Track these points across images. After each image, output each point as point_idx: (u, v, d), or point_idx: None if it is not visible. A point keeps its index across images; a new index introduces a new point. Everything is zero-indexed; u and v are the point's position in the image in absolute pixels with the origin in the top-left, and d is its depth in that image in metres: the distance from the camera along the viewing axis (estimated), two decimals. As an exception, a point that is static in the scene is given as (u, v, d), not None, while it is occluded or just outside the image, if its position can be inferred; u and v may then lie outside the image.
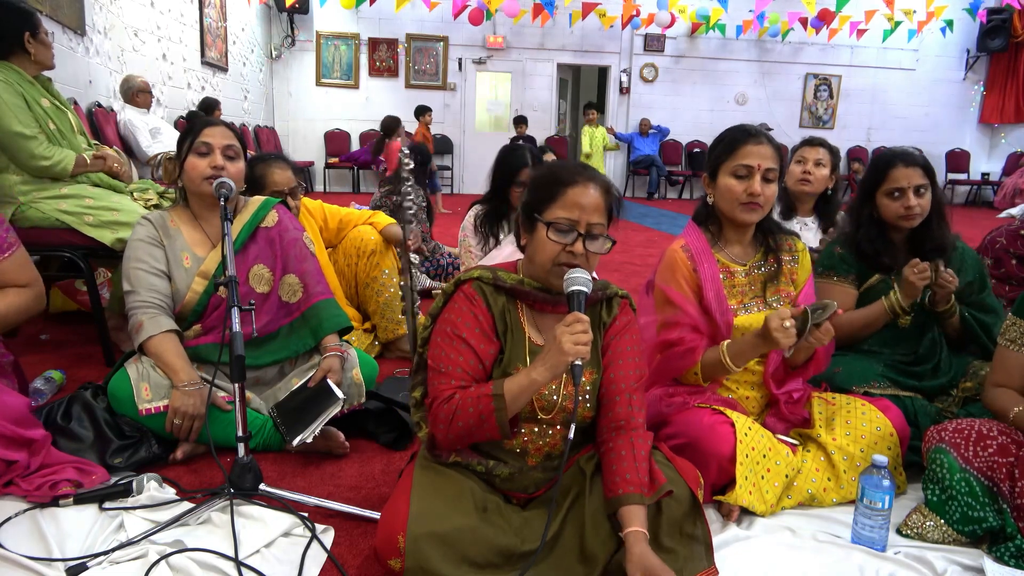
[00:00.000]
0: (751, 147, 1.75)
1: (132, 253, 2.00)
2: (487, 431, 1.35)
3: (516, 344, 1.45)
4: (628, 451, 1.40)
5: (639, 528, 1.31)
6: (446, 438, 1.40)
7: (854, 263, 2.16)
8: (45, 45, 2.64)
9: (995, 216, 8.91)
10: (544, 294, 1.45)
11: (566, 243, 1.37)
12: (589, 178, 1.41)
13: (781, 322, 1.61)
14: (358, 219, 3.03)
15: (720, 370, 1.77)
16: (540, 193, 1.42)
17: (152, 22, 6.25)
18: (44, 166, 2.55)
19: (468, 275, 1.47)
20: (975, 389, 2.02)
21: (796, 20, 10.65)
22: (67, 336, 3.05)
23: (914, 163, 2.08)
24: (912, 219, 2.07)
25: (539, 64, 11.43)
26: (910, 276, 1.97)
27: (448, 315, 1.44)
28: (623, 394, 1.46)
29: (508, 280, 1.45)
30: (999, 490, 1.57)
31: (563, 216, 1.38)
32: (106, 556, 1.44)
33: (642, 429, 1.46)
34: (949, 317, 2.10)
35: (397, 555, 1.28)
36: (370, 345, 2.91)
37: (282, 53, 10.73)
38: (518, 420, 1.44)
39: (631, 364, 1.48)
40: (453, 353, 1.40)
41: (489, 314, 1.44)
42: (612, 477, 1.39)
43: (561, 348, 1.27)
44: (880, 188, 2.10)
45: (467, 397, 1.35)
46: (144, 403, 1.86)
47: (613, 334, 1.50)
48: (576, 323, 1.28)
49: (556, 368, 1.30)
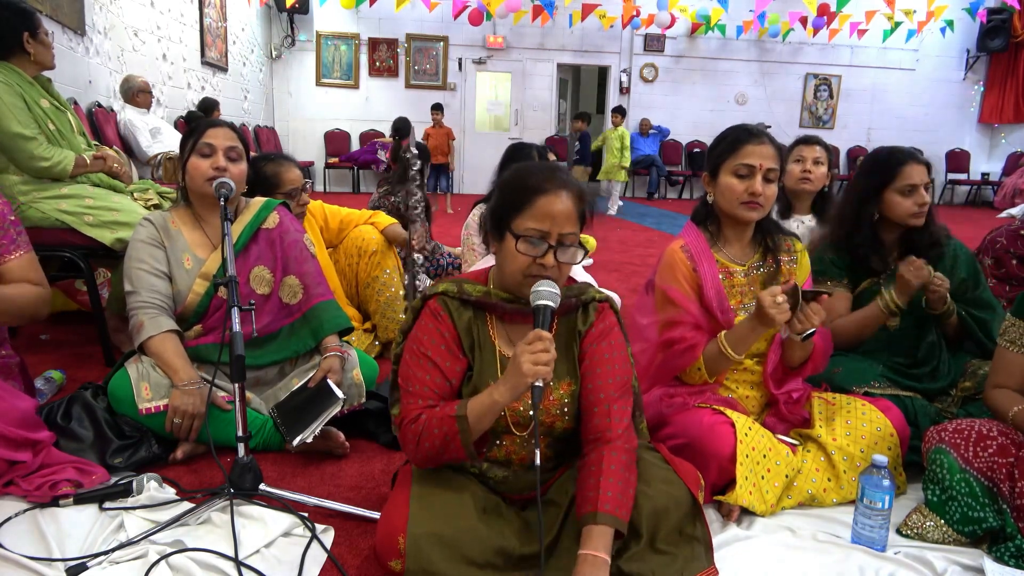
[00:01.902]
0: (753, 147, 1.75)
1: (133, 254, 2.01)
2: (452, 452, 1.32)
3: (486, 358, 1.42)
4: (597, 466, 1.33)
5: (591, 552, 1.25)
6: (416, 458, 1.38)
7: (845, 267, 2.16)
8: (45, 45, 2.64)
9: (995, 216, 8.91)
10: (513, 304, 1.40)
11: (536, 255, 1.32)
12: (560, 185, 1.34)
13: (773, 298, 1.62)
14: (359, 219, 3.03)
15: (723, 361, 1.77)
16: (508, 201, 1.36)
17: (152, 22, 6.25)
18: (43, 167, 2.55)
19: (433, 290, 1.43)
20: (974, 389, 2.02)
21: (796, 20, 10.64)
22: (67, 336, 3.05)
23: (922, 161, 2.10)
24: (922, 217, 2.07)
25: (539, 64, 11.43)
26: (906, 274, 1.97)
27: (415, 333, 1.41)
28: (600, 404, 1.40)
29: (474, 293, 1.41)
30: (999, 490, 1.57)
31: (533, 227, 1.31)
32: (106, 556, 1.44)
33: (619, 441, 1.37)
34: (947, 318, 2.10)
35: (397, 556, 1.28)
36: (370, 345, 2.91)
37: (282, 53, 10.73)
38: (488, 438, 1.41)
39: (609, 372, 1.42)
40: (420, 372, 1.38)
41: (455, 330, 1.40)
42: (580, 494, 1.34)
43: (520, 369, 1.22)
44: (891, 185, 2.09)
45: (432, 418, 1.32)
46: (144, 402, 1.86)
47: (591, 341, 1.44)
48: (537, 341, 1.24)
49: (516, 389, 1.26)
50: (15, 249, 1.77)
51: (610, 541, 1.28)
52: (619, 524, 1.29)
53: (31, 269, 1.79)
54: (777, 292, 1.63)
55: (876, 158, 2.18)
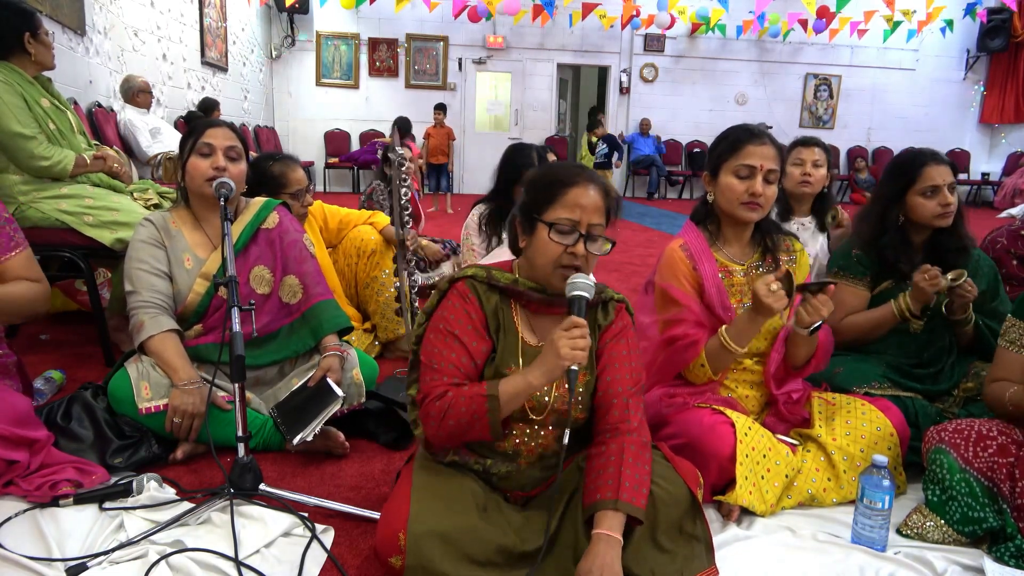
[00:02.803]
0: (754, 147, 1.75)
1: (134, 254, 2.01)
2: (478, 431, 1.34)
3: (508, 344, 1.45)
4: (617, 456, 1.37)
5: (606, 531, 1.29)
6: (436, 435, 1.39)
7: (870, 266, 2.15)
8: (45, 45, 2.64)
9: (995, 216, 8.91)
10: (539, 294, 1.44)
11: (567, 244, 1.37)
12: (588, 179, 1.40)
13: (767, 287, 1.63)
14: (358, 219, 3.03)
15: (725, 355, 1.77)
16: (540, 194, 1.41)
17: (152, 22, 6.25)
18: (44, 166, 2.54)
19: (462, 273, 1.47)
20: (976, 389, 2.02)
21: (796, 21, 10.65)
22: (67, 336, 3.05)
23: (944, 161, 2.09)
24: (948, 217, 2.06)
25: (539, 64, 11.43)
26: (920, 282, 1.97)
27: (442, 312, 1.44)
28: (619, 398, 1.44)
29: (502, 279, 1.45)
30: (999, 490, 1.57)
31: (564, 217, 1.37)
32: (106, 556, 1.44)
33: (637, 433, 1.42)
34: (965, 325, 2.10)
35: (398, 552, 1.28)
36: (370, 345, 2.91)
37: (282, 53, 10.73)
38: (508, 421, 1.43)
39: (627, 368, 1.47)
40: (446, 350, 1.40)
41: (482, 312, 1.44)
42: (595, 482, 1.37)
43: (558, 353, 1.26)
44: (913, 188, 2.08)
45: (460, 396, 1.35)
46: (144, 402, 1.86)
47: (609, 338, 1.49)
48: (575, 328, 1.27)
49: (552, 373, 1.30)
50: (13, 247, 1.77)
51: (622, 526, 1.31)
52: (638, 512, 1.33)
53: (29, 266, 1.79)
54: (770, 280, 1.64)
55: (897, 162, 2.18)
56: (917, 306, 2.03)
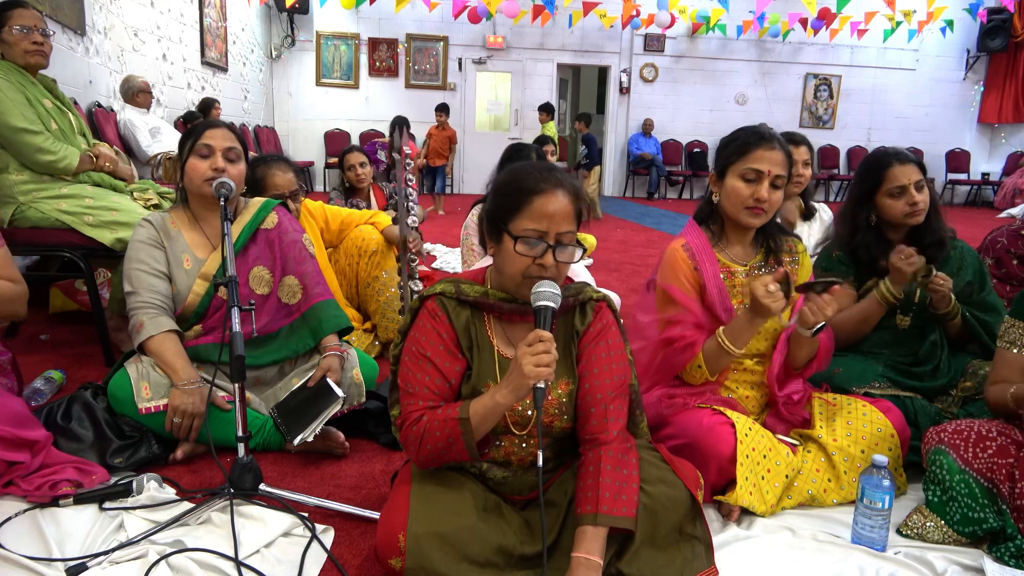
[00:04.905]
0: (763, 152, 1.73)
1: (133, 254, 2.01)
2: (456, 453, 1.33)
3: (484, 359, 1.42)
4: (595, 467, 1.34)
5: (584, 555, 1.27)
6: (418, 459, 1.38)
7: (851, 266, 2.17)
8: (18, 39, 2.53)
9: (995, 216, 8.91)
10: (511, 304, 1.40)
11: (535, 255, 1.31)
12: (556, 184, 1.33)
13: (765, 288, 1.62)
14: (359, 219, 3.03)
15: (723, 356, 1.76)
16: (505, 202, 1.34)
17: (152, 22, 6.25)
18: (49, 160, 2.54)
19: (431, 290, 1.43)
20: (975, 389, 2.02)
21: (796, 20, 10.64)
22: (67, 336, 3.05)
23: (908, 160, 2.09)
24: (918, 215, 2.07)
25: (539, 64, 11.43)
26: (897, 262, 1.98)
27: (414, 334, 1.41)
28: (598, 405, 1.39)
29: (472, 293, 1.41)
30: (999, 491, 1.57)
31: (531, 227, 1.30)
32: (106, 556, 1.44)
33: (616, 442, 1.37)
34: (951, 319, 2.10)
35: (398, 554, 1.28)
36: (370, 345, 2.91)
37: (282, 53, 10.72)
38: (490, 439, 1.41)
39: (607, 372, 1.41)
40: (420, 373, 1.38)
41: (452, 330, 1.40)
42: (577, 496, 1.35)
43: (521, 371, 1.22)
44: (880, 189, 2.10)
45: (434, 420, 1.32)
46: (144, 402, 1.86)
47: (588, 341, 1.43)
48: (539, 343, 1.23)
49: (519, 391, 1.25)
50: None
51: (603, 543, 1.29)
52: (622, 522, 1.30)
53: (7, 266, 1.75)
54: (768, 281, 1.63)
55: (864, 164, 2.20)
56: (898, 288, 2.03)
